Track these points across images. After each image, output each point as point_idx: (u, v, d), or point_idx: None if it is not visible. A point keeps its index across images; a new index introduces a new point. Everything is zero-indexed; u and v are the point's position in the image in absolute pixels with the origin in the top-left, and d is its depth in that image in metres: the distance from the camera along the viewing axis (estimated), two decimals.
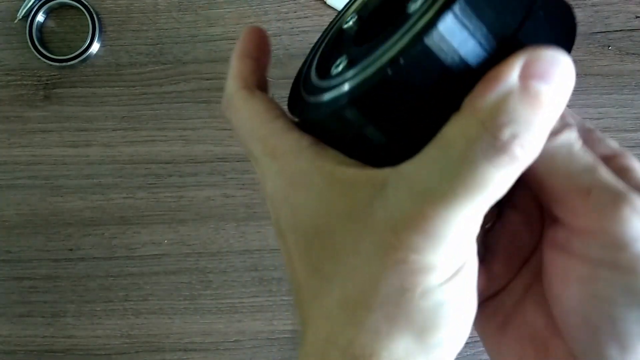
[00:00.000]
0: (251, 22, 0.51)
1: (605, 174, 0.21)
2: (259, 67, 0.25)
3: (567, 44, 0.21)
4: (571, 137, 0.22)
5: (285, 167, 0.22)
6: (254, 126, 0.23)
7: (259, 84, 0.25)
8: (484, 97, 0.18)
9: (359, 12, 0.25)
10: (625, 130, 0.50)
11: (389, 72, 0.19)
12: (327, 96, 0.21)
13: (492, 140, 0.18)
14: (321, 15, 0.51)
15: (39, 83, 0.51)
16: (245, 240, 0.51)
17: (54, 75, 0.51)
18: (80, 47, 0.51)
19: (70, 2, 0.51)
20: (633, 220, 0.20)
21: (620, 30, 0.50)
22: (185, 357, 0.51)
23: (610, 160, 0.22)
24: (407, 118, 0.20)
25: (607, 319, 0.21)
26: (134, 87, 0.51)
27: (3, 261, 0.51)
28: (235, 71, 0.25)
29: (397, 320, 0.19)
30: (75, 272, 0.51)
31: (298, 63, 0.26)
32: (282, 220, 0.22)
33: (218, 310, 0.51)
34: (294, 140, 0.22)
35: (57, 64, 0.51)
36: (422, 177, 0.19)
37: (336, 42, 0.25)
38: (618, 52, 0.50)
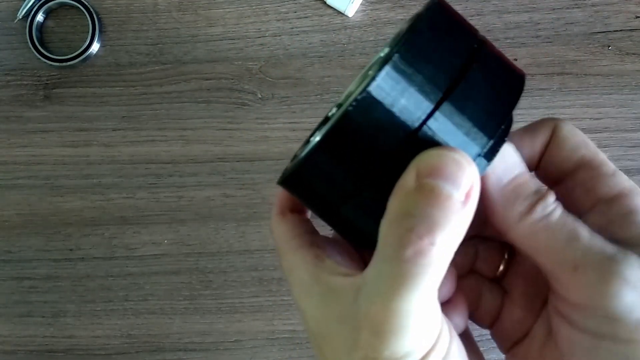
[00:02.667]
0: (251, 22, 0.51)
1: (589, 242, 0.21)
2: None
3: (509, 99, 0.22)
4: (546, 210, 0.22)
5: (295, 280, 0.24)
6: (279, 246, 0.26)
7: (294, 205, 0.27)
8: (392, 200, 0.20)
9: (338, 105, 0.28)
10: (625, 130, 0.50)
11: (339, 124, 0.21)
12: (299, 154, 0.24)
13: (393, 237, 0.20)
14: (321, 16, 0.51)
15: (39, 83, 0.51)
16: (245, 240, 0.51)
17: (54, 75, 0.51)
18: (80, 47, 0.51)
19: (70, 2, 0.51)
20: (623, 292, 0.20)
21: (620, 30, 0.50)
22: (185, 357, 0.51)
23: (616, 202, 0.23)
24: (363, 165, 0.21)
25: None
26: (134, 87, 0.51)
27: (3, 261, 0.51)
28: (277, 199, 0.28)
29: None
30: (75, 272, 0.51)
31: (298, 63, 0.26)
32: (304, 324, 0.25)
33: (218, 310, 0.51)
34: (301, 255, 0.24)
35: (57, 64, 0.51)
36: (371, 280, 0.21)
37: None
38: (618, 52, 0.50)
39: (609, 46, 0.50)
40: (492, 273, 0.28)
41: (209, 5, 0.51)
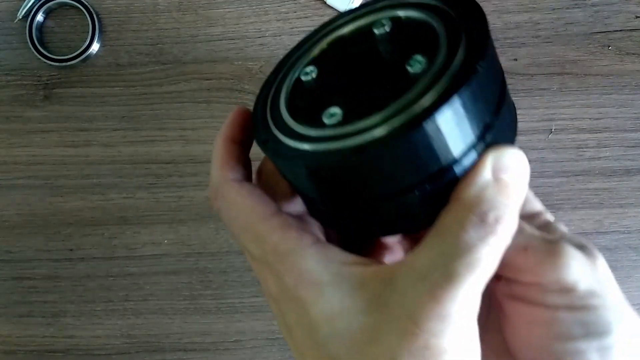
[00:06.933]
0: (251, 22, 0.51)
1: (532, 230, 0.24)
2: (244, 152, 0.26)
3: (515, 130, 0.25)
4: None
5: (291, 267, 0.23)
6: (250, 223, 0.24)
7: (246, 172, 0.26)
8: (469, 191, 0.22)
9: (315, 63, 0.26)
10: (625, 130, 0.50)
11: (390, 143, 0.21)
12: (325, 146, 0.22)
13: (481, 224, 0.21)
14: (321, 16, 0.51)
15: (39, 83, 0.51)
16: None
17: (54, 75, 0.51)
18: (80, 47, 0.51)
19: (70, 2, 0.51)
20: (570, 265, 0.23)
21: (620, 30, 0.50)
22: (185, 357, 0.51)
23: (536, 218, 0.27)
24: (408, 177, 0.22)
25: (571, 353, 0.23)
26: (134, 87, 0.51)
27: (3, 261, 0.51)
28: (221, 160, 0.26)
29: None
30: (75, 272, 0.51)
31: None
32: (289, 317, 0.24)
33: (218, 310, 0.51)
34: (295, 239, 0.23)
35: (57, 64, 0.51)
36: (428, 265, 0.21)
37: (297, 90, 0.26)
38: (618, 52, 0.50)
39: (609, 46, 0.50)
40: None
41: (209, 5, 0.51)
